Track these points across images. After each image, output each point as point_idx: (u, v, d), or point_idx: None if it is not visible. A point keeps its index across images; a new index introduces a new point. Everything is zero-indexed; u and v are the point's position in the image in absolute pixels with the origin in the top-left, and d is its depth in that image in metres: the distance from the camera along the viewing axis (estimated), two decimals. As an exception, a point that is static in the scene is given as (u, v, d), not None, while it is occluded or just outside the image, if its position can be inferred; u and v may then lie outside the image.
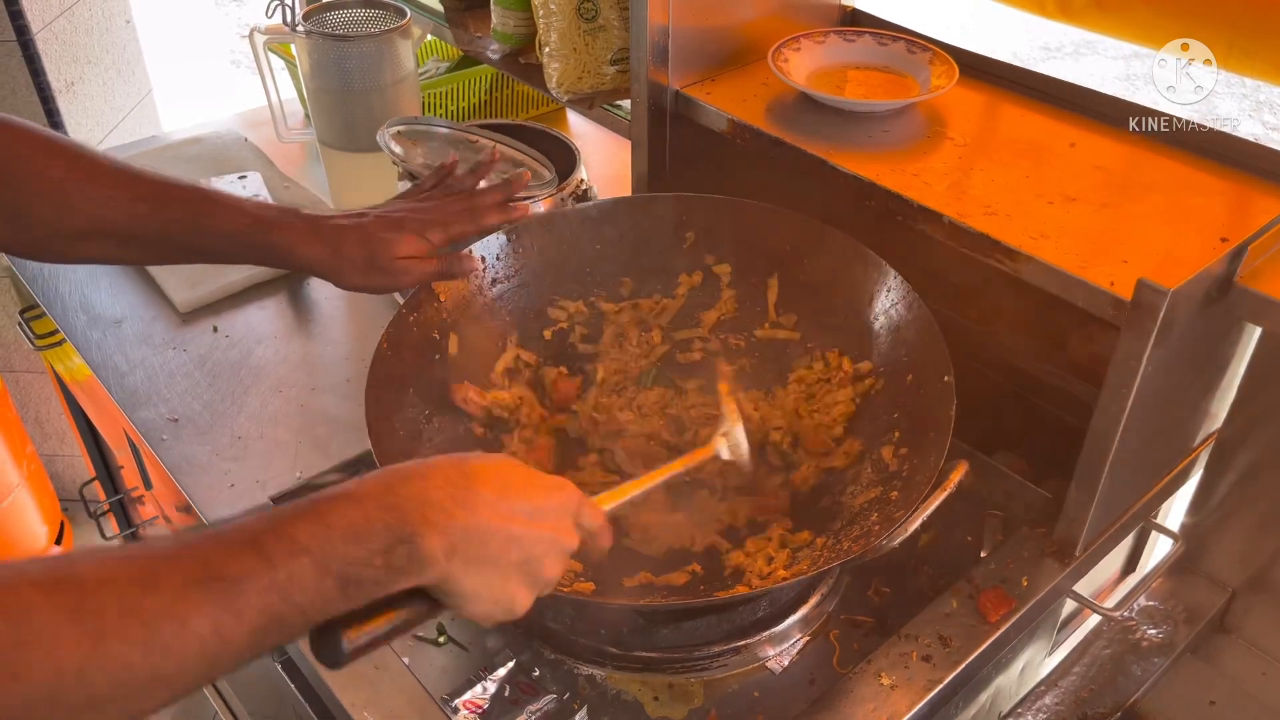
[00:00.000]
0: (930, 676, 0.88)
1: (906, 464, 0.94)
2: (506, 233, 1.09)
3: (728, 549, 0.97)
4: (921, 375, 0.98)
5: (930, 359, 0.97)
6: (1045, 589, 0.95)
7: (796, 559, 0.93)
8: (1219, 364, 1.02)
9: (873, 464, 0.98)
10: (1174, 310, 0.81)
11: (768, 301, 1.13)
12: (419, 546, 0.61)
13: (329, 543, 0.58)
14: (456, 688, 0.90)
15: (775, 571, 0.91)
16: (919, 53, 1.17)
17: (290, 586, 0.57)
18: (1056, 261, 0.88)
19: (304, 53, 1.40)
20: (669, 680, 0.92)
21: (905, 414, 0.98)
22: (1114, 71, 4.56)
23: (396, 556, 0.60)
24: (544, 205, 1.13)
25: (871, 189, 1.00)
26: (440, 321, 1.04)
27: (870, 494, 0.95)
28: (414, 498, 0.62)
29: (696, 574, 0.94)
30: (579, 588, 0.89)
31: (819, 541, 0.94)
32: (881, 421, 1.01)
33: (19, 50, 1.84)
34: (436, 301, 1.03)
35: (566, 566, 0.72)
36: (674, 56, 1.14)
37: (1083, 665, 1.10)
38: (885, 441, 0.98)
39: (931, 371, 0.96)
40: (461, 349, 1.04)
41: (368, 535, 0.60)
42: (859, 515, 0.93)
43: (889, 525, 0.85)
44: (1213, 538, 1.15)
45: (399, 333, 0.99)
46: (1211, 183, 0.99)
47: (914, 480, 0.90)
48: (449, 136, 1.20)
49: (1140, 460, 0.99)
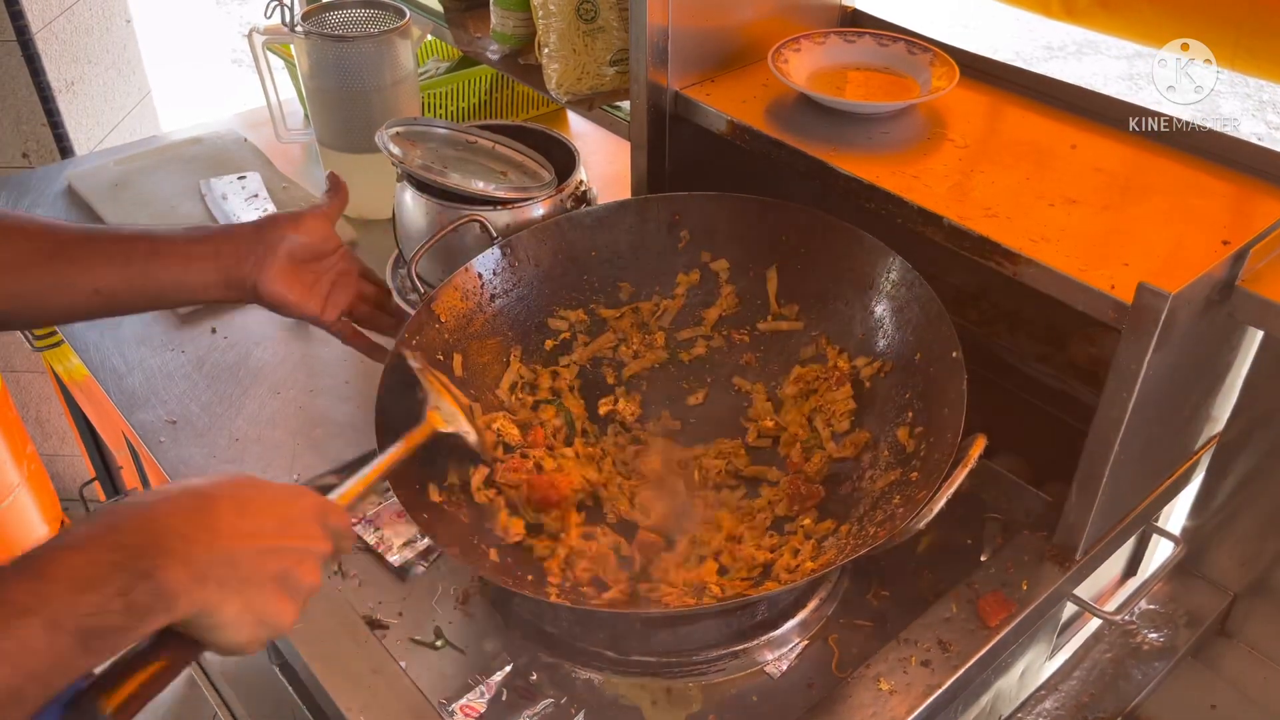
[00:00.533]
0: (929, 681, 0.88)
1: (923, 443, 0.93)
2: (501, 246, 1.08)
3: (751, 545, 0.96)
4: (929, 353, 0.98)
5: (936, 336, 0.97)
6: (1045, 593, 0.95)
7: (822, 549, 0.92)
8: (1220, 367, 1.02)
9: (889, 446, 0.98)
10: (1175, 314, 0.81)
11: (768, 293, 1.12)
12: (161, 580, 0.57)
13: (54, 597, 0.54)
14: (454, 692, 0.90)
15: (803, 564, 0.91)
16: (919, 54, 1.16)
17: (20, 655, 0.52)
18: (1057, 265, 0.88)
19: (303, 53, 1.40)
20: (667, 685, 0.91)
21: (917, 394, 0.98)
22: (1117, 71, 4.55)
23: (138, 595, 0.56)
24: (543, 206, 1.12)
25: (871, 191, 1.00)
26: (443, 343, 1.03)
27: (890, 476, 0.95)
28: (144, 530, 0.59)
29: (724, 569, 0.94)
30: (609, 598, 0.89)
31: (843, 529, 0.93)
32: (894, 403, 1.01)
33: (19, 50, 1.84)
34: (438, 323, 1.03)
35: (323, 572, 0.70)
36: (673, 57, 1.14)
37: (1083, 669, 1.10)
38: (900, 423, 0.98)
39: (939, 348, 0.96)
40: (466, 368, 1.04)
41: (97, 580, 0.55)
42: (881, 499, 0.93)
43: (912, 507, 0.85)
44: (1214, 541, 1.15)
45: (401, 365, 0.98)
46: (1213, 184, 0.98)
47: (932, 459, 0.89)
48: (448, 137, 1.20)
49: (1141, 464, 0.98)
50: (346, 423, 1.15)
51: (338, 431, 1.14)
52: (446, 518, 0.92)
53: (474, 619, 0.97)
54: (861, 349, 1.06)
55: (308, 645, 0.92)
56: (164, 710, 2.01)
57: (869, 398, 1.04)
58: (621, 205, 1.15)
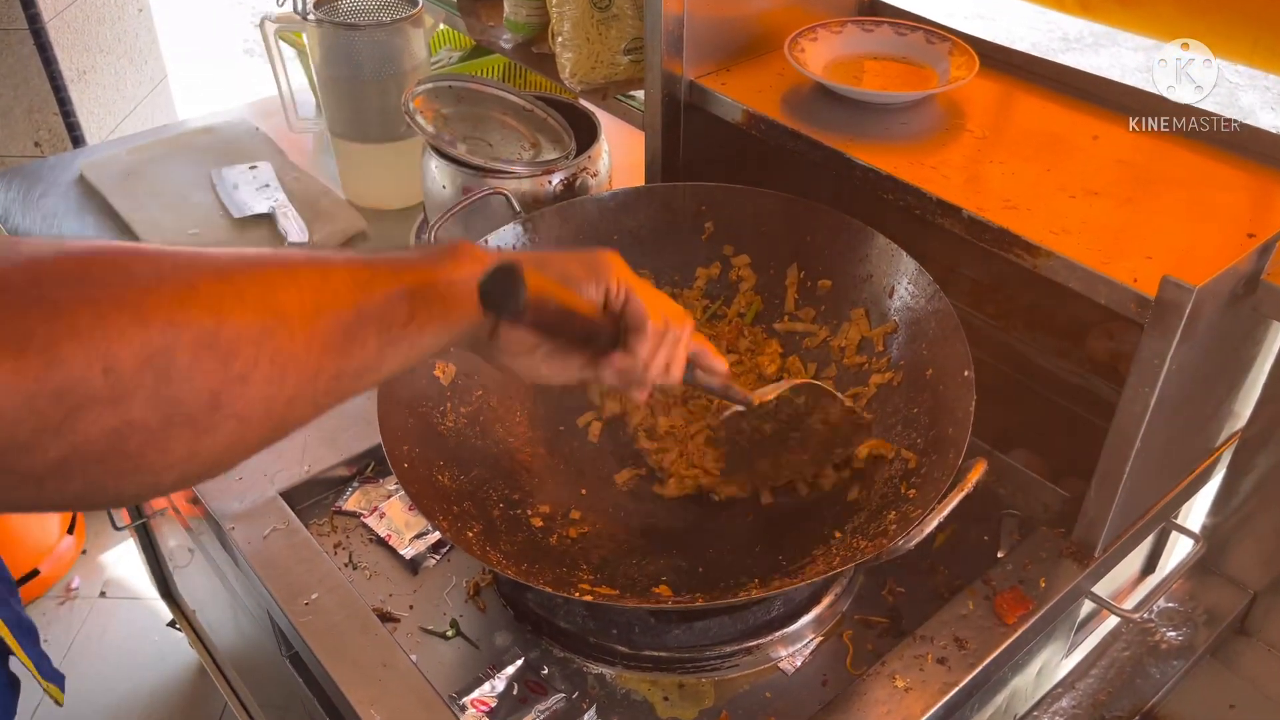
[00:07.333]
0: (945, 679, 0.87)
1: (925, 461, 0.92)
2: (522, 223, 1.07)
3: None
4: (941, 370, 0.96)
5: (950, 353, 0.95)
6: (1063, 591, 0.93)
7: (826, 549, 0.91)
8: (1243, 362, 1.00)
9: (891, 462, 0.97)
10: (1199, 308, 0.80)
11: (786, 294, 1.11)
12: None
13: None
14: (464, 686, 0.89)
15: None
16: (938, 43, 1.15)
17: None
18: (1078, 257, 0.86)
19: (315, 41, 1.39)
20: (679, 680, 0.91)
21: (925, 410, 0.96)
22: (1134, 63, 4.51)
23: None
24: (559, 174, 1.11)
25: (889, 182, 0.98)
26: None
27: (887, 490, 0.93)
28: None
29: (698, 574, 0.93)
30: (601, 591, 0.88)
31: (836, 535, 0.92)
32: (901, 415, 0.99)
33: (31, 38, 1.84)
34: None
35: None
36: (688, 46, 1.13)
37: (1100, 667, 1.08)
38: (904, 439, 0.96)
39: (952, 366, 0.94)
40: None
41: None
42: (876, 513, 0.91)
43: (906, 524, 0.83)
44: (1234, 539, 1.13)
45: None
46: (1237, 177, 0.97)
47: (932, 477, 0.88)
48: (479, 94, 1.20)
49: (1162, 460, 0.97)
50: (358, 414, 1.14)
51: (349, 423, 1.13)
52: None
53: (485, 612, 0.96)
54: (875, 357, 1.05)
55: (317, 638, 0.91)
56: (176, 701, 2.02)
57: (876, 408, 1.02)
58: (649, 190, 1.14)
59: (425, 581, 0.99)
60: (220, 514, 1.03)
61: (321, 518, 1.06)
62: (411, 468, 0.91)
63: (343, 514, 1.06)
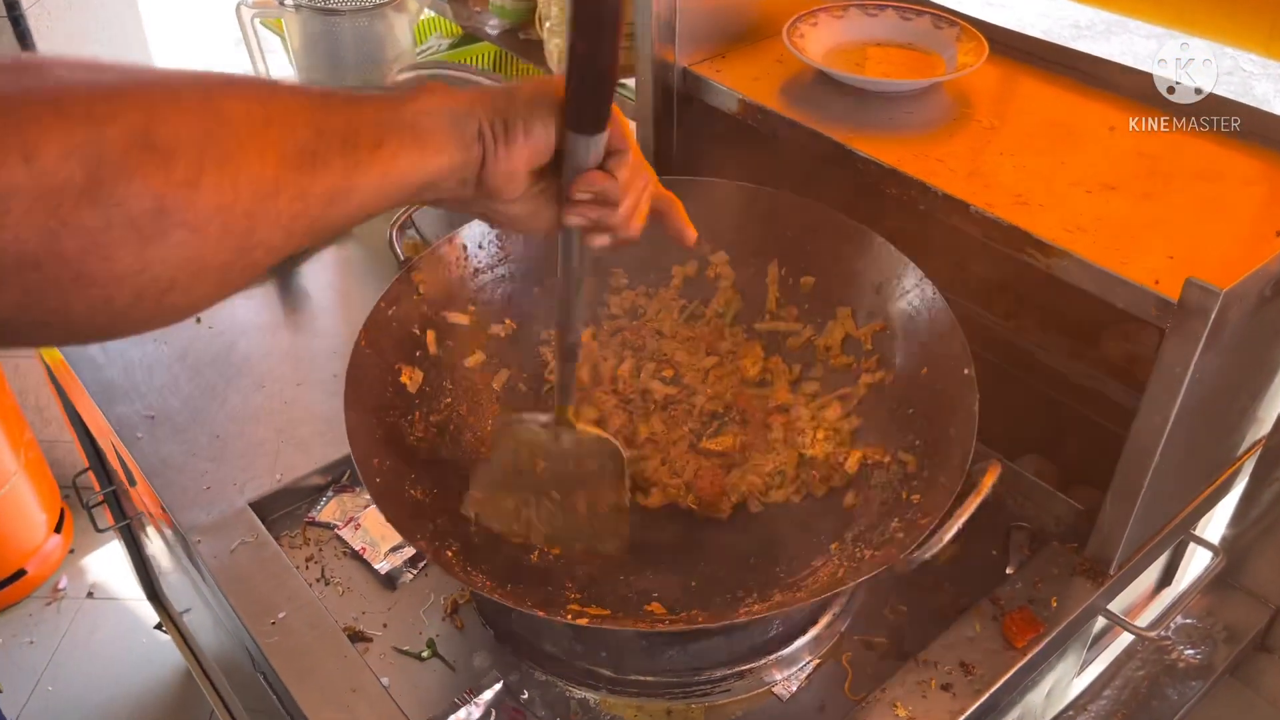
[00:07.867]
0: (950, 707, 0.82)
1: (926, 465, 0.87)
2: None
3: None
4: (937, 368, 0.91)
5: (947, 350, 0.89)
6: (1076, 611, 0.88)
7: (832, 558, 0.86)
8: (1269, 367, 0.95)
9: (888, 466, 0.91)
10: (1226, 312, 0.74)
11: (767, 292, 1.05)
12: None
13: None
14: (439, 712, 0.84)
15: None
16: (945, 28, 1.10)
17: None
18: (1094, 257, 0.81)
19: (294, 28, 1.34)
20: (667, 706, 0.86)
21: (921, 411, 0.91)
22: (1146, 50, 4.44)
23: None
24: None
25: (892, 175, 0.94)
26: (420, 315, 0.97)
27: (887, 496, 0.88)
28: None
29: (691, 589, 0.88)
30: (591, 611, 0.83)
31: (833, 547, 0.87)
32: (896, 418, 0.94)
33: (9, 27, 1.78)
34: (416, 294, 0.97)
35: None
36: (681, 32, 1.09)
37: (1114, 688, 1.03)
38: (901, 441, 0.91)
39: (949, 364, 0.89)
40: (439, 346, 0.98)
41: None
42: (878, 521, 0.86)
43: (914, 532, 0.78)
44: (1255, 551, 1.08)
45: (378, 329, 0.93)
46: (1264, 170, 0.92)
47: (936, 482, 0.83)
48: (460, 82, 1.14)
49: (1182, 471, 0.92)
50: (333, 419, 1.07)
51: (324, 429, 1.08)
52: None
53: (463, 631, 0.91)
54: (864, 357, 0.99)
55: (284, 660, 0.86)
56: (163, 705, 1.98)
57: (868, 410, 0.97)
58: None
59: (401, 598, 0.94)
60: (186, 526, 0.98)
61: (294, 529, 1.01)
62: (384, 482, 0.86)
63: (316, 525, 1.01)
